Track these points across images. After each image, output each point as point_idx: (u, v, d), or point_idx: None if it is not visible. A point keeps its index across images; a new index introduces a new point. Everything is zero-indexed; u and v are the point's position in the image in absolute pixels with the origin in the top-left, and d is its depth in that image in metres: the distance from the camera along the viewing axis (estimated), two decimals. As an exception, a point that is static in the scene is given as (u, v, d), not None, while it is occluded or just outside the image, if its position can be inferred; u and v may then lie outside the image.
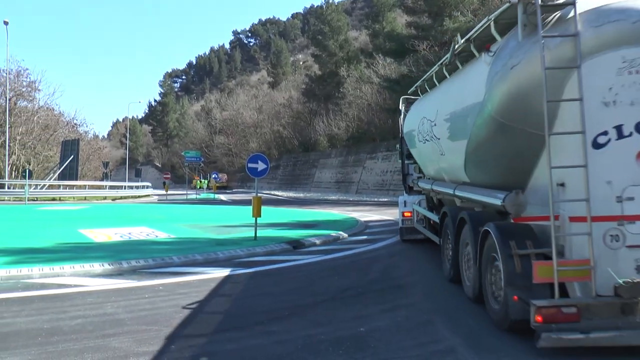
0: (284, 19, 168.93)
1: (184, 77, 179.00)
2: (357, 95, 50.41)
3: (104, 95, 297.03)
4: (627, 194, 5.01)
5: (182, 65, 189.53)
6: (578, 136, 4.99)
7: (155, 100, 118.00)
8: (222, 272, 9.71)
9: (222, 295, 8.01)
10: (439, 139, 8.87)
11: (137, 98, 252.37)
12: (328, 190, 50.32)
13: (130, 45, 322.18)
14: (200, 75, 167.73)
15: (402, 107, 14.19)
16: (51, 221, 19.76)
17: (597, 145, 5.05)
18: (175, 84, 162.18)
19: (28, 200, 32.69)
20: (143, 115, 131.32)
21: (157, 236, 14.69)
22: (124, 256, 10.80)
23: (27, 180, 33.66)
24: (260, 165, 14.36)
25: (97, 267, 9.82)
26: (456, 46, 7.62)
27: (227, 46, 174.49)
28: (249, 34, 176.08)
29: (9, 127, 41.78)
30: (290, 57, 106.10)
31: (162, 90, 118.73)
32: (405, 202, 13.35)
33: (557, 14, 5.29)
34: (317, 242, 13.74)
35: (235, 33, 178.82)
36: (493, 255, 6.08)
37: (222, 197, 48.45)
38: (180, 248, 12.19)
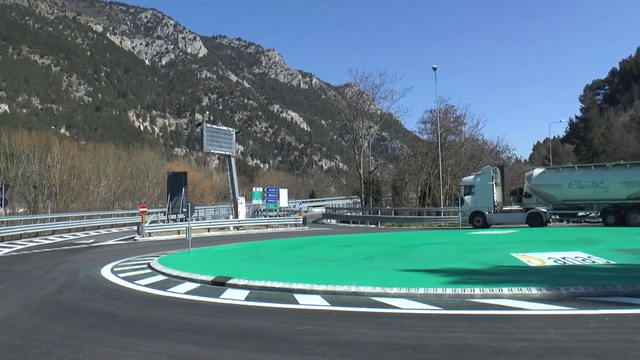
0: None
1: (607, 87, 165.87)
2: None
3: (524, 119, 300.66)
4: None
5: (603, 75, 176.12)
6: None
7: (576, 117, 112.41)
8: (681, 307, 8.46)
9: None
10: (606, 186, 29.99)
11: (558, 117, 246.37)
12: None
13: (544, 66, 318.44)
14: (626, 81, 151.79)
15: (494, 173, 35.42)
16: (484, 245, 20.64)
17: None
18: (598, 96, 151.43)
19: (461, 226, 35.06)
20: (564, 134, 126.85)
21: (594, 262, 13.77)
22: (561, 281, 10.51)
23: (460, 207, 36.22)
24: None
25: (535, 291, 9.78)
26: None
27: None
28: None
29: (441, 160, 46.16)
30: None
31: (583, 105, 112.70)
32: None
33: None
34: None
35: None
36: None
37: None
38: (623, 276, 11.14)
